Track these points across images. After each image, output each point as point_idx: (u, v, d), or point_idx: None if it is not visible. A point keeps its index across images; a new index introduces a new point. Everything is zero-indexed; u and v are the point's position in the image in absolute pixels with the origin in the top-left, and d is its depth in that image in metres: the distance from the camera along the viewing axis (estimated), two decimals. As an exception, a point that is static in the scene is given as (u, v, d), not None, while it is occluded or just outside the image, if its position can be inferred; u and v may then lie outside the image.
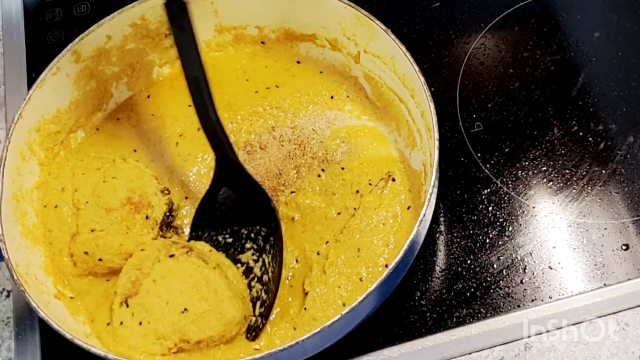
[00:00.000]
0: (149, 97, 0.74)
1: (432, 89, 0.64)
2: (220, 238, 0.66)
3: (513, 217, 0.68)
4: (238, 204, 0.66)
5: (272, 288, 0.62)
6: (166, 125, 0.72)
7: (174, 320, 0.60)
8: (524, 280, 0.64)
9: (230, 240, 0.66)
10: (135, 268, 0.62)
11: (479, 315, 0.63)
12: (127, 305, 0.60)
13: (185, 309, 0.60)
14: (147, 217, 0.65)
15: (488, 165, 0.70)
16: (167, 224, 0.66)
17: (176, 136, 0.71)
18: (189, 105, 0.72)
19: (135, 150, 0.71)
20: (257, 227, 0.65)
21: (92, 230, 0.65)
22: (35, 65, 0.79)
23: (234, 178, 0.65)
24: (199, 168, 0.70)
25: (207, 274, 0.61)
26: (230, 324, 0.60)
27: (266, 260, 0.64)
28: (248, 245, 0.65)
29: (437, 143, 0.60)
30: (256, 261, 0.64)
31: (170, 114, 0.73)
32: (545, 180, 0.69)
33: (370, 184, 0.67)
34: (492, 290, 0.64)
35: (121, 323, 0.60)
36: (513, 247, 0.66)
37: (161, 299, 0.60)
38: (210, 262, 0.62)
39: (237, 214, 0.66)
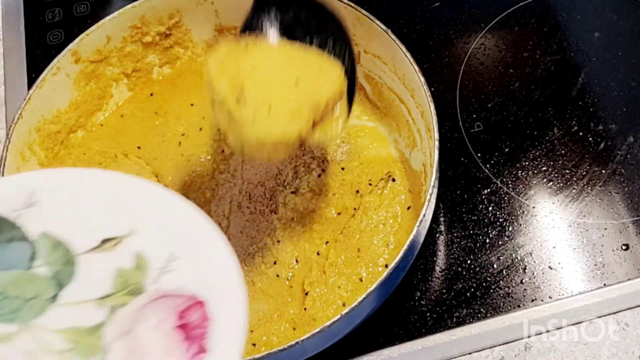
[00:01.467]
0: (152, 95, 0.74)
1: (432, 89, 0.64)
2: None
3: (513, 217, 0.68)
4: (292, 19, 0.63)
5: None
6: (169, 124, 0.72)
7: (296, 93, 0.57)
8: (524, 280, 0.64)
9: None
10: (225, 66, 0.58)
11: (479, 315, 0.63)
12: (244, 103, 0.56)
13: (298, 79, 0.57)
14: None
15: (488, 165, 0.70)
16: None
17: (179, 136, 0.71)
18: (191, 105, 0.73)
19: (139, 147, 0.71)
20: (312, 34, 0.62)
21: None
22: (35, 65, 0.79)
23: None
24: (202, 169, 0.70)
25: (291, 46, 0.60)
26: (341, 76, 0.59)
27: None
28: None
29: (437, 143, 0.60)
30: None
31: (173, 112, 0.73)
32: (545, 180, 0.69)
33: (370, 184, 0.67)
34: (492, 290, 0.64)
35: (253, 120, 0.55)
36: (513, 247, 0.66)
37: (270, 81, 0.57)
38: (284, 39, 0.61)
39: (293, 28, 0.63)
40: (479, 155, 0.71)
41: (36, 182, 0.53)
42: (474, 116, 0.73)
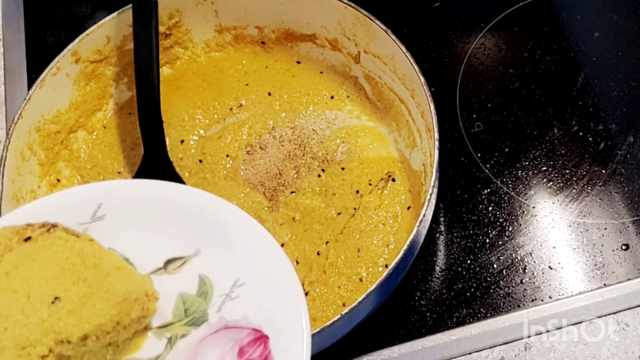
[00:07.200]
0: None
1: (432, 89, 0.64)
2: None
3: (513, 217, 0.68)
4: None
5: None
6: (168, 128, 0.72)
7: (43, 317, 0.45)
8: (524, 280, 0.64)
9: None
10: None
11: (479, 315, 0.63)
12: None
13: (57, 298, 0.45)
14: None
15: (488, 165, 0.70)
16: None
17: (178, 141, 0.71)
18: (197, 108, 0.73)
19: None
20: None
21: None
22: (35, 65, 0.79)
23: (160, 171, 0.66)
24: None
25: (80, 247, 0.48)
26: (125, 302, 0.46)
27: None
28: None
29: (437, 143, 0.60)
30: None
31: (179, 115, 0.72)
32: (545, 180, 0.69)
33: (370, 184, 0.67)
34: (492, 290, 0.64)
35: None
36: (513, 247, 0.66)
37: (19, 293, 0.45)
38: (83, 235, 0.49)
39: None
40: (479, 155, 0.71)
41: (103, 194, 0.51)
42: (474, 116, 0.73)
